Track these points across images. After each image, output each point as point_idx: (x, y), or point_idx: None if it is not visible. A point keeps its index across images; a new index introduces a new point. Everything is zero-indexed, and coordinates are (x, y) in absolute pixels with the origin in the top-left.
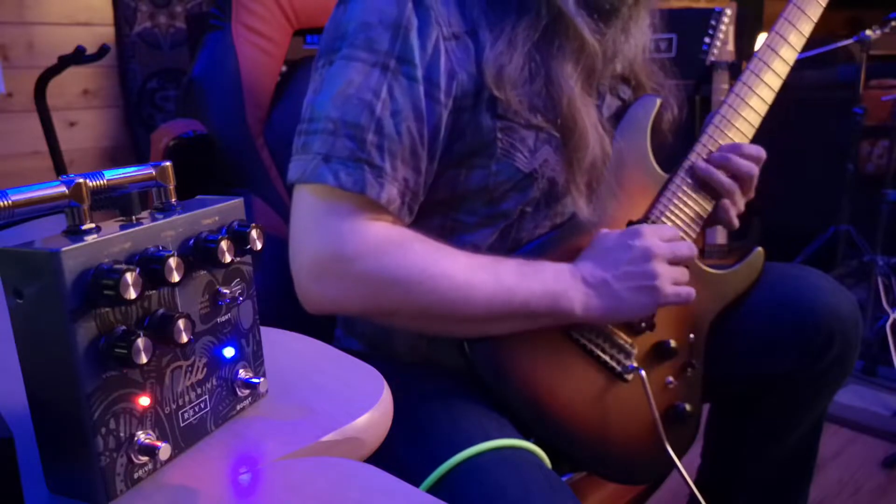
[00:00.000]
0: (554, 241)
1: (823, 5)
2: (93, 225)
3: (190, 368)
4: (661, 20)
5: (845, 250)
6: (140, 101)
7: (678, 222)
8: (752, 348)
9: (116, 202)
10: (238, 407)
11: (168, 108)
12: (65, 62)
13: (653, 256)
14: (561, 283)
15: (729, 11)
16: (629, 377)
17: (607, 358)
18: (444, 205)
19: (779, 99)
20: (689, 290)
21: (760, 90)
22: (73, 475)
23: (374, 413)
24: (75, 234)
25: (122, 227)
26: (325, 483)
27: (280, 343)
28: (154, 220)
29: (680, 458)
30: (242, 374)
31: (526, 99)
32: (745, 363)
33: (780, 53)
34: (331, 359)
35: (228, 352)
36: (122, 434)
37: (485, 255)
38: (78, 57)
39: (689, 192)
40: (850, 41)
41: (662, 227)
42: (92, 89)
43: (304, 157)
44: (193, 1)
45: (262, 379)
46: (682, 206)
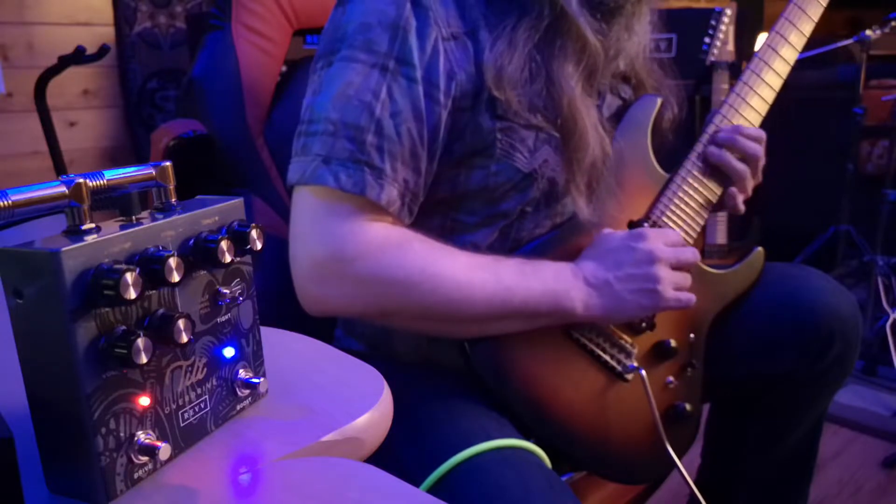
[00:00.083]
0: (554, 240)
1: (824, 5)
2: (93, 225)
3: (190, 368)
4: (660, 20)
5: (845, 250)
6: (140, 101)
7: (679, 222)
8: (752, 348)
9: (116, 202)
10: (238, 407)
11: (168, 108)
12: (65, 62)
13: (656, 260)
14: (562, 283)
15: (729, 11)
16: (629, 377)
17: (608, 358)
18: (444, 205)
19: (779, 99)
20: (690, 296)
21: (761, 90)
22: (73, 475)
23: (374, 413)
24: (75, 234)
25: (122, 227)
26: (325, 483)
27: (280, 343)
28: (154, 220)
29: (680, 458)
30: (242, 374)
31: (526, 99)
32: (745, 363)
33: (780, 53)
34: (331, 359)
35: (228, 352)
36: (122, 434)
37: (485, 255)
38: (78, 57)
39: (691, 191)
40: (850, 41)
41: (667, 232)
42: (92, 89)
43: (303, 158)
44: (193, 1)
45: (262, 379)
46: (682, 205)
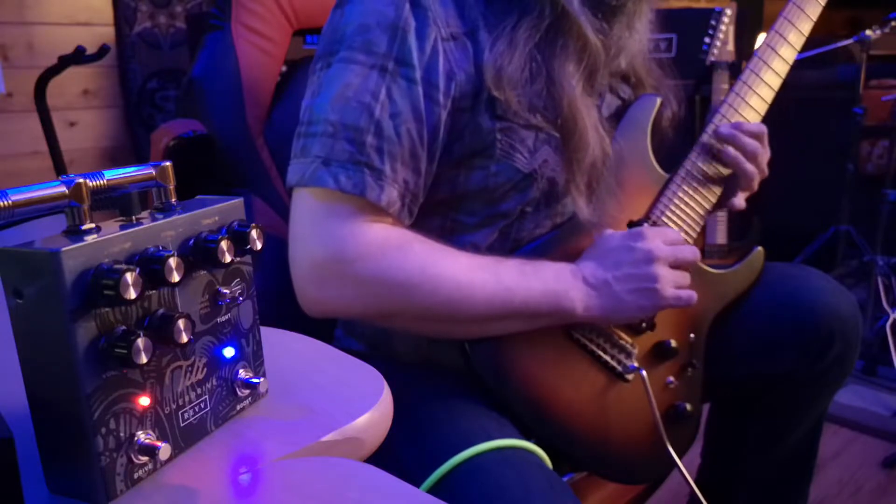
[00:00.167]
0: (554, 241)
1: (823, 4)
2: (93, 225)
3: (190, 368)
4: (660, 20)
5: (845, 250)
6: (140, 101)
7: (679, 222)
8: (752, 348)
9: (116, 202)
10: (238, 407)
11: (168, 108)
12: (65, 62)
13: (655, 259)
14: (562, 283)
15: (729, 11)
16: (630, 377)
17: (608, 358)
18: (444, 205)
19: (778, 99)
20: (691, 294)
21: (761, 89)
22: (73, 475)
23: (374, 413)
24: (75, 234)
25: (122, 227)
26: (325, 483)
27: (280, 343)
28: (154, 220)
29: (680, 458)
30: (242, 374)
31: (526, 99)
32: (745, 363)
33: (779, 52)
34: (331, 359)
35: (228, 352)
36: (122, 434)
37: (485, 256)
38: (78, 57)
39: (690, 191)
40: (850, 41)
41: (666, 230)
42: (92, 89)
43: (303, 160)
44: (193, 1)
45: (262, 379)
46: (682, 205)
